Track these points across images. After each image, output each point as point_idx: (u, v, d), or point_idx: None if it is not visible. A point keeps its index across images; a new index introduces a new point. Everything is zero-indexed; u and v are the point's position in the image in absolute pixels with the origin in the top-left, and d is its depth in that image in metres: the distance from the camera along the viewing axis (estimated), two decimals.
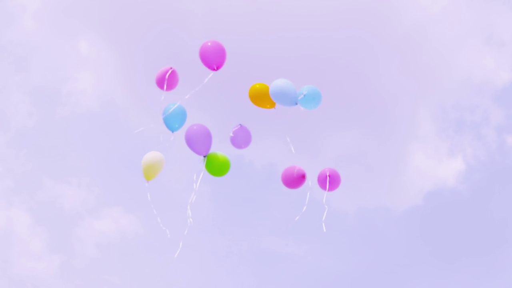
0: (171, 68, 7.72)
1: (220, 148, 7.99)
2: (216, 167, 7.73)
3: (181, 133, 7.74)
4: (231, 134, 7.97)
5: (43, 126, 15.81)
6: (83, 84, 16.07)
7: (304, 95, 7.59)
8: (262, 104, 7.96)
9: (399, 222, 15.62)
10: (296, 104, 7.67)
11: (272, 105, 7.89)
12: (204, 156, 7.56)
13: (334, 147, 15.62)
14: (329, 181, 8.01)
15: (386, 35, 15.92)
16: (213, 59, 7.53)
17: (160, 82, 7.68)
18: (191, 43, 14.22)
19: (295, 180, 7.97)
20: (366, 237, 15.35)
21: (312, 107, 7.77)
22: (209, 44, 7.57)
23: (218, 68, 7.56)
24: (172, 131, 7.66)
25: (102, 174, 15.44)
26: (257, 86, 7.89)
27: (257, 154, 8.27)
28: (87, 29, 16.01)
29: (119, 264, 14.80)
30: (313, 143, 14.58)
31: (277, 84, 7.60)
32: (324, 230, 7.79)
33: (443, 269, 14.98)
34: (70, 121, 15.82)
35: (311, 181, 8.04)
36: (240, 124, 8.01)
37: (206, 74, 7.65)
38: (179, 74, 7.85)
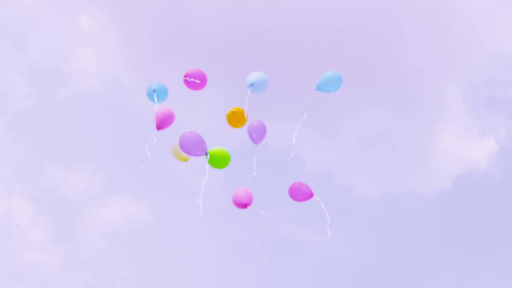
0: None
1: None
2: (218, 161, 8.25)
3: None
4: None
5: (43, 108, 15.76)
6: (85, 62, 15.97)
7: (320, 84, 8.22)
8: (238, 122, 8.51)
9: (426, 208, 15.58)
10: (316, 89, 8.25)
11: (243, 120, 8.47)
12: (206, 154, 8.09)
13: (356, 128, 15.60)
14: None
15: (411, 6, 15.72)
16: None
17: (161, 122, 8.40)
18: (200, 17, 14.05)
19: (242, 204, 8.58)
20: (392, 224, 15.28)
21: (332, 90, 8.30)
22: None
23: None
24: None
25: (107, 159, 15.38)
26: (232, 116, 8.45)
27: (273, 137, 8.70)
28: (89, 3, 15.91)
29: (127, 255, 14.79)
30: (334, 124, 14.88)
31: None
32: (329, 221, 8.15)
33: (475, 256, 14.91)
34: (72, 102, 15.76)
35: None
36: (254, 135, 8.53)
37: (211, 51, 7.72)
38: (183, 58, 7.83)
